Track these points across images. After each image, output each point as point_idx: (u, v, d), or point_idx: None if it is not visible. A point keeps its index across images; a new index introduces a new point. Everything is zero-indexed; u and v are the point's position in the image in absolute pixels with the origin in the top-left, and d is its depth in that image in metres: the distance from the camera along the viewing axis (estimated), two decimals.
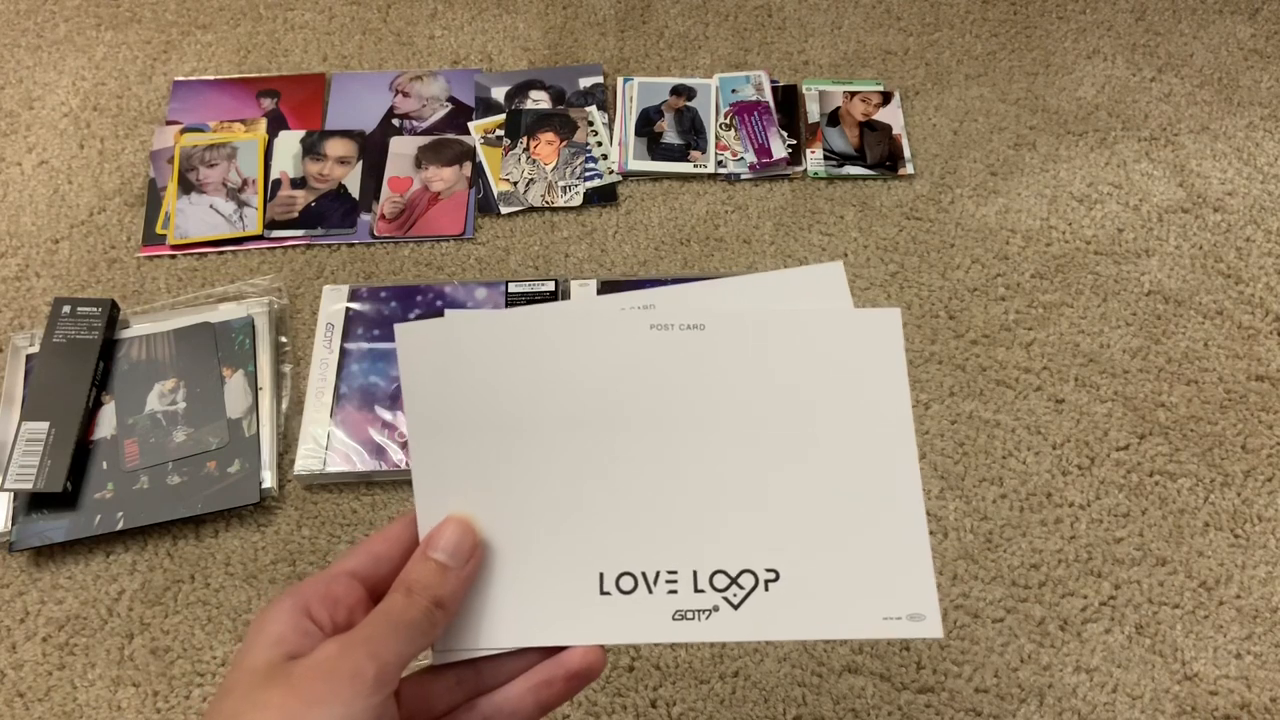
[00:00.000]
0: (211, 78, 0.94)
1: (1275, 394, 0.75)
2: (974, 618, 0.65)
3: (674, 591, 0.38)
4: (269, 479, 0.70)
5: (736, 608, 0.38)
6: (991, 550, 0.68)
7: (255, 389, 0.73)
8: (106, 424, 0.71)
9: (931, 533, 0.68)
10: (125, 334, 0.75)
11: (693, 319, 0.40)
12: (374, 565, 0.36)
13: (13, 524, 0.67)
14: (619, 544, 0.38)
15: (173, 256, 0.83)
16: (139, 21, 0.98)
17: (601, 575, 0.38)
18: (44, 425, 0.69)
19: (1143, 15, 0.99)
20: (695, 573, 0.38)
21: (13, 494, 0.68)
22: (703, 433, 0.39)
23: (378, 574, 0.36)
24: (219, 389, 0.73)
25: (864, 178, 0.87)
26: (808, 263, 0.82)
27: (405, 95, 0.93)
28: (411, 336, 0.39)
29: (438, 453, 0.38)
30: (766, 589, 0.38)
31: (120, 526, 0.67)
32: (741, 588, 0.38)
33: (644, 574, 0.38)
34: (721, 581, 0.38)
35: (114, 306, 0.75)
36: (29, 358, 0.75)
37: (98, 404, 0.72)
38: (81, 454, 0.70)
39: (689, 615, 0.38)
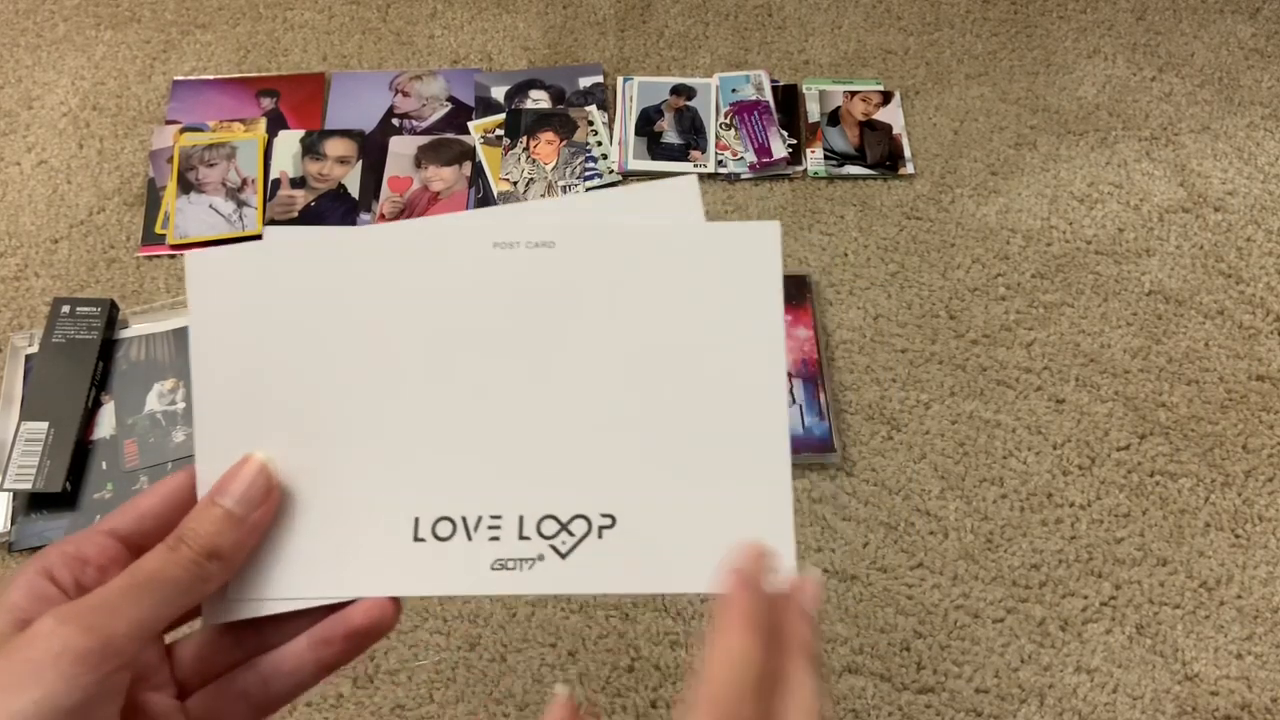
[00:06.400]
0: (211, 77, 0.94)
1: (1276, 394, 0.74)
2: (974, 618, 0.65)
3: (496, 539, 0.34)
4: None
5: (564, 557, 0.34)
6: (992, 550, 0.68)
7: None
8: (106, 424, 0.71)
9: (932, 533, 0.68)
10: (125, 334, 0.75)
11: (541, 236, 0.35)
12: (138, 522, 0.33)
13: (12, 524, 0.67)
14: (439, 486, 0.34)
15: (172, 256, 0.82)
16: (139, 21, 0.98)
17: (417, 520, 0.34)
18: (43, 425, 0.69)
19: (1143, 15, 0.98)
20: (521, 518, 0.34)
21: (12, 494, 0.68)
22: (544, 363, 0.35)
23: (142, 531, 0.33)
24: None
25: (864, 177, 0.87)
26: (807, 262, 0.82)
27: (405, 95, 0.93)
28: (205, 264, 0.34)
29: (225, 392, 0.34)
30: (600, 536, 0.34)
31: None
32: (572, 535, 0.34)
33: (464, 519, 0.34)
34: (550, 528, 0.34)
35: (113, 306, 0.75)
36: (28, 358, 0.74)
37: (97, 404, 0.72)
38: (81, 454, 0.69)
39: (510, 565, 0.34)
